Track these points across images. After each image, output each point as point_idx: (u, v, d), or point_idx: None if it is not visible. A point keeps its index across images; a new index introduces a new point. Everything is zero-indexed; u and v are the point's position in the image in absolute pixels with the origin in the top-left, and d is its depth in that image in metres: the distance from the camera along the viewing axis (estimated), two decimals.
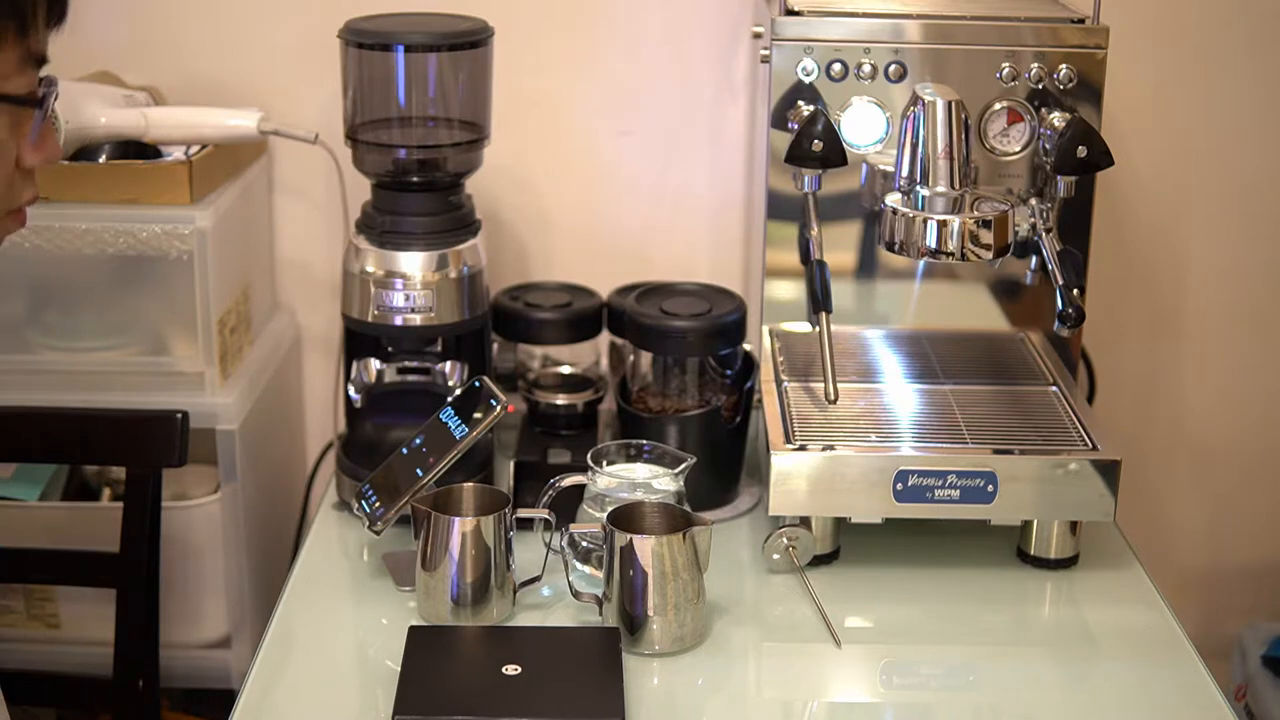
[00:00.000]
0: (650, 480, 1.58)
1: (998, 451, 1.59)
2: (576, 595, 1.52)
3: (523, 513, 1.53)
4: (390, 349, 1.77)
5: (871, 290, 1.77)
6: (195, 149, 1.85)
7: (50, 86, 1.10)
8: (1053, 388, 1.72)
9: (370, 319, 1.73)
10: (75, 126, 1.78)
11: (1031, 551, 1.63)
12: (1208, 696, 1.42)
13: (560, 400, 1.83)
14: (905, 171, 1.55)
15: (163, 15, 2.02)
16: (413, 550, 1.52)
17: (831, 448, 1.58)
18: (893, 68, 1.67)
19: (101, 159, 1.82)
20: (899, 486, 1.56)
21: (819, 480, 1.57)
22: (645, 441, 1.64)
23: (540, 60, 2.02)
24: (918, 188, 1.53)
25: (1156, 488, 2.18)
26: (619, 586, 1.46)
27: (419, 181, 1.76)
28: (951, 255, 1.53)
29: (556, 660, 1.40)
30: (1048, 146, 1.63)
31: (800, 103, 1.68)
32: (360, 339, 1.76)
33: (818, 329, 1.59)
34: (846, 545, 1.64)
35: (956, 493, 1.57)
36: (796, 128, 1.64)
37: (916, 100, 1.54)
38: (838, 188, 1.70)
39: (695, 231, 2.09)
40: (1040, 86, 1.67)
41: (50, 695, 1.81)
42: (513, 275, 2.05)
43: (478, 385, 1.57)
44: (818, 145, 1.60)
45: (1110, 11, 1.68)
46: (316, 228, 2.08)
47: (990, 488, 1.56)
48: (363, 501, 1.57)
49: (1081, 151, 1.58)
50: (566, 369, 1.90)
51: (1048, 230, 1.63)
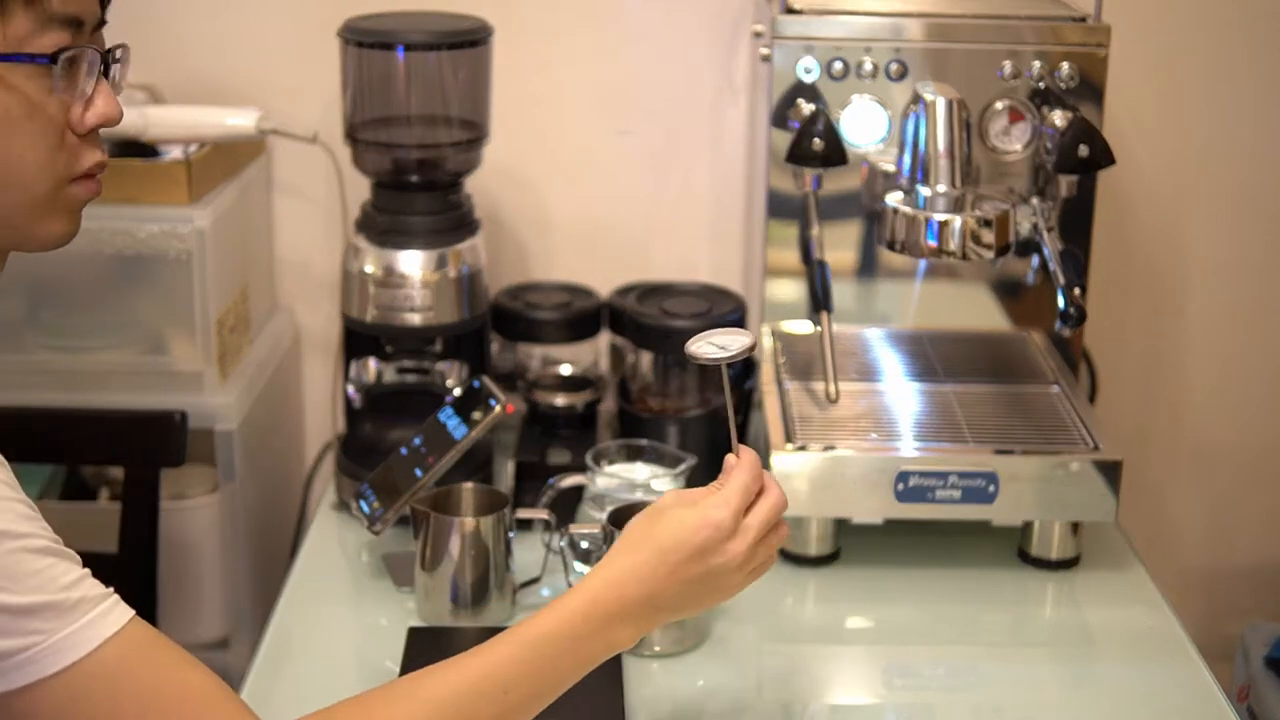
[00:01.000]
0: (650, 480, 1.57)
1: (999, 451, 1.58)
2: None
3: (522, 513, 1.53)
4: (390, 349, 1.76)
5: (872, 290, 1.77)
6: (194, 148, 1.84)
7: (88, 49, 1.07)
8: (1054, 387, 1.72)
9: (370, 319, 1.73)
10: None
11: (1033, 552, 1.63)
12: (1210, 697, 1.42)
13: (560, 400, 1.83)
14: (906, 171, 1.55)
15: (162, 14, 2.02)
16: (412, 551, 1.51)
17: (832, 448, 1.58)
18: (894, 66, 1.67)
19: None
20: (900, 487, 1.56)
21: (820, 480, 1.57)
22: (645, 441, 1.63)
23: (540, 60, 2.02)
24: (919, 187, 1.53)
25: (1158, 488, 2.18)
26: None
27: (419, 181, 1.75)
28: (953, 254, 1.52)
29: None
30: (1049, 145, 1.63)
31: (801, 102, 1.67)
32: (360, 339, 1.76)
33: (819, 329, 1.59)
34: (847, 546, 1.63)
35: (957, 493, 1.56)
36: (797, 127, 1.63)
37: (917, 99, 1.53)
38: (838, 187, 1.70)
39: (695, 231, 2.09)
40: (1041, 85, 1.66)
41: None
42: (513, 275, 2.05)
43: (477, 385, 1.57)
44: (818, 144, 1.60)
45: (1111, 10, 1.67)
46: (316, 227, 2.07)
47: (991, 488, 1.56)
48: (362, 502, 1.57)
49: (1083, 150, 1.58)
50: (566, 369, 1.90)
51: (1049, 229, 1.63)
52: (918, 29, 1.67)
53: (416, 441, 1.56)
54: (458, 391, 1.63)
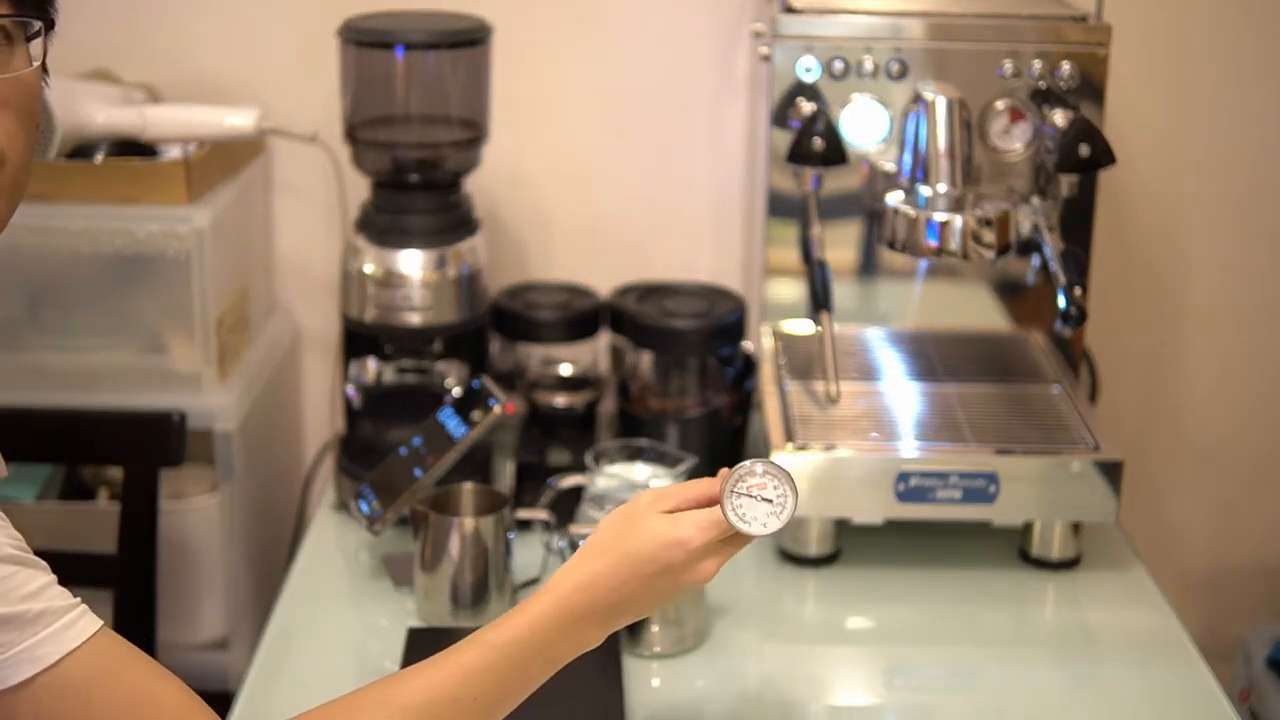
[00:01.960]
0: (650, 480, 1.57)
1: (999, 452, 1.58)
2: None
3: (522, 513, 1.53)
4: (389, 349, 1.76)
5: (873, 290, 1.77)
6: (193, 147, 1.84)
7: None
8: (1055, 387, 1.72)
9: (369, 319, 1.73)
10: (72, 125, 1.78)
11: (1033, 552, 1.62)
12: (1211, 699, 1.41)
13: (560, 400, 1.83)
14: (907, 170, 1.55)
15: (161, 13, 2.01)
16: (411, 551, 1.51)
17: (833, 448, 1.58)
18: (894, 66, 1.67)
19: (99, 157, 1.82)
20: (900, 487, 1.56)
21: (820, 480, 1.56)
22: (645, 441, 1.63)
23: (540, 60, 2.02)
24: (919, 186, 1.53)
25: (1159, 488, 2.18)
26: None
27: (418, 180, 1.75)
28: (953, 254, 1.52)
29: None
30: (1050, 145, 1.63)
31: (801, 101, 1.67)
32: (359, 339, 1.76)
33: (819, 329, 1.59)
34: (847, 546, 1.63)
35: (958, 493, 1.56)
36: (797, 126, 1.63)
37: (918, 99, 1.53)
38: (839, 187, 1.69)
39: (695, 231, 2.09)
40: (1042, 85, 1.66)
41: None
42: (513, 275, 2.04)
43: (477, 385, 1.56)
44: (819, 144, 1.60)
45: (1112, 9, 1.67)
46: (315, 227, 2.07)
47: (992, 488, 1.56)
48: (361, 502, 1.57)
49: (1083, 150, 1.58)
50: (566, 369, 1.89)
51: (1050, 229, 1.63)
52: (918, 28, 1.67)
53: (416, 441, 1.56)
54: (457, 391, 1.63)
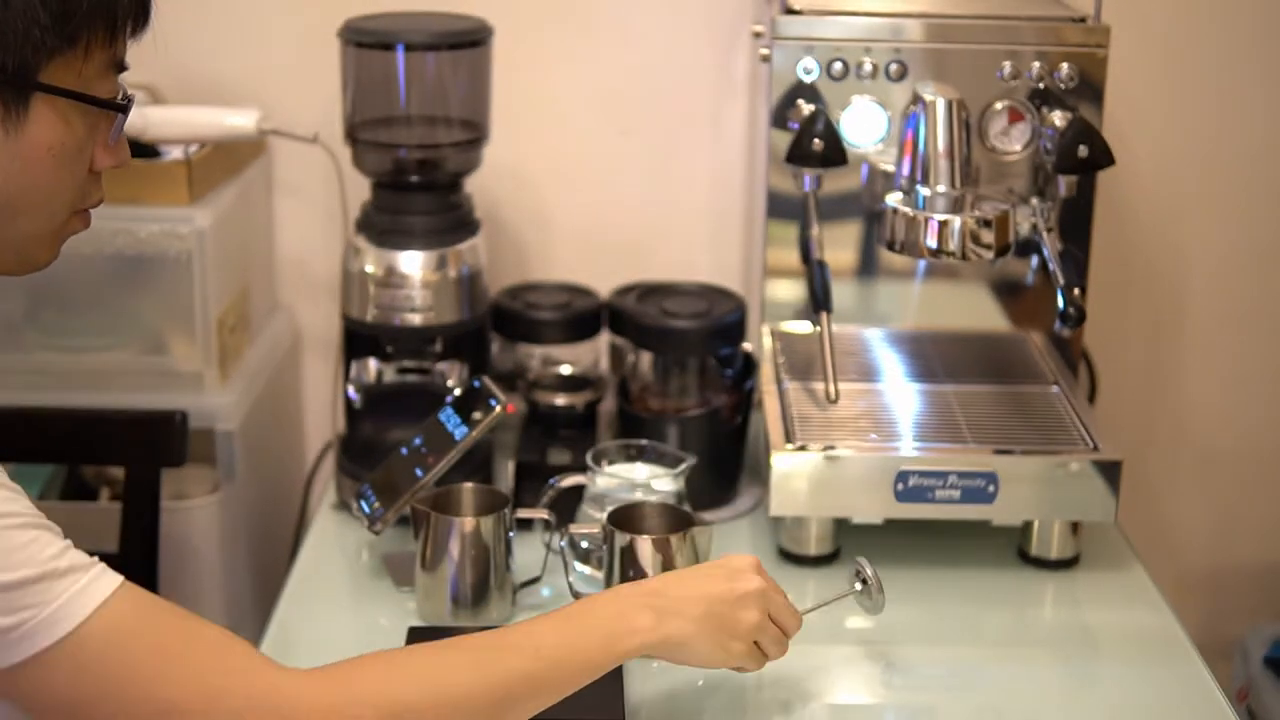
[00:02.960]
0: (650, 480, 1.57)
1: (999, 452, 1.58)
2: (576, 595, 1.51)
3: (523, 513, 1.53)
4: (390, 349, 1.76)
5: (872, 290, 1.77)
6: (194, 148, 1.85)
7: (129, 96, 1.13)
8: (1054, 388, 1.72)
9: (370, 319, 1.73)
10: None
11: (1032, 552, 1.63)
12: (1210, 698, 1.42)
13: (560, 400, 1.83)
14: (906, 171, 1.55)
15: (161, 13, 2.00)
16: (412, 550, 1.51)
17: (832, 448, 1.58)
18: (893, 67, 1.67)
19: None
20: (900, 487, 1.56)
21: (819, 480, 1.57)
22: (645, 441, 1.63)
23: (540, 60, 2.02)
24: (918, 187, 1.53)
25: (1158, 488, 2.18)
26: None
27: (419, 181, 1.75)
28: (952, 255, 1.52)
29: None
30: (1049, 146, 1.63)
31: (801, 102, 1.67)
32: (360, 339, 1.76)
33: (818, 329, 1.59)
34: (847, 545, 1.63)
35: (957, 493, 1.56)
36: (797, 127, 1.63)
37: (917, 99, 1.53)
38: (838, 187, 1.70)
39: (695, 231, 2.09)
40: (1041, 86, 1.66)
41: None
42: (513, 275, 2.05)
43: (477, 385, 1.57)
44: (818, 145, 1.60)
45: (1111, 11, 1.68)
46: (316, 227, 2.08)
47: (991, 488, 1.56)
48: (362, 502, 1.57)
49: (1082, 151, 1.58)
50: (566, 369, 1.90)
51: (1049, 230, 1.63)
52: (917, 29, 1.67)
53: (417, 441, 1.56)
54: (458, 391, 1.63)
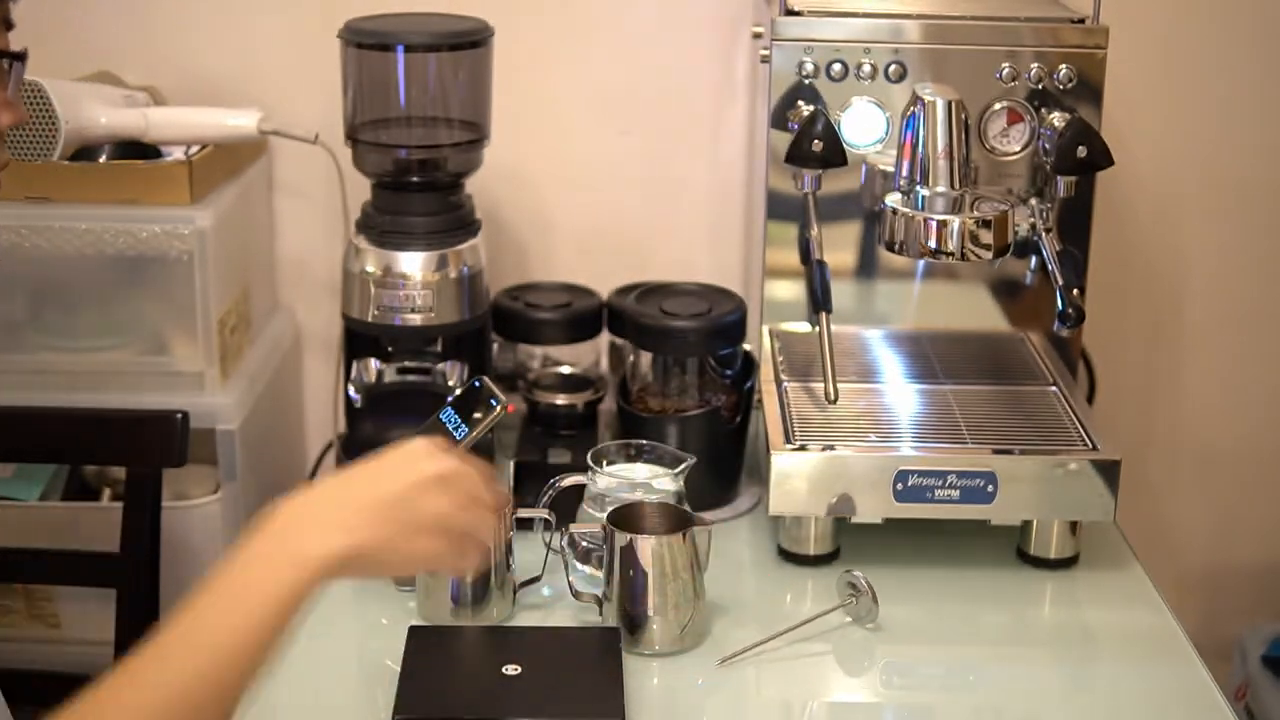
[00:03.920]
0: (650, 480, 1.58)
1: (998, 451, 1.59)
2: (576, 595, 1.52)
3: (523, 513, 1.53)
4: (390, 349, 1.77)
5: (871, 290, 1.77)
6: (195, 149, 1.85)
7: (17, 56, 1.08)
8: (1052, 388, 1.72)
9: (370, 319, 1.73)
10: (75, 126, 1.78)
11: (1031, 551, 1.63)
12: (1208, 697, 1.42)
13: (560, 400, 1.83)
14: (905, 171, 1.55)
15: (163, 15, 2.02)
16: None
17: (831, 448, 1.58)
18: (893, 68, 1.67)
19: (102, 159, 1.82)
20: (899, 486, 1.56)
21: (819, 480, 1.57)
22: (645, 441, 1.64)
23: (540, 60, 2.02)
24: (918, 188, 1.53)
25: (1156, 488, 2.18)
26: (619, 586, 1.46)
27: (419, 181, 1.76)
28: (951, 255, 1.53)
29: (556, 660, 1.40)
30: (1047, 146, 1.63)
31: (800, 103, 1.68)
32: (360, 339, 1.76)
33: (818, 329, 1.59)
34: (846, 545, 1.64)
35: (956, 493, 1.57)
36: (796, 128, 1.64)
37: (916, 100, 1.54)
38: (838, 188, 1.70)
39: (695, 231, 2.09)
40: (1040, 86, 1.67)
41: (50, 695, 1.80)
42: (513, 275, 2.05)
43: (478, 385, 1.57)
44: (818, 145, 1.60)
45: (1110, 12, 1.68)
46: (316, 228, 2.08)
47: (990, 488, 1.56)
48: None
49: (1081, 151, 1.58)
50: (566, 369, 1.90)
51: (1047, 230, 1.63)
52: (917, 30, 1.67)
53: None
54: (458, 391, 1.63)
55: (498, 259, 2.01)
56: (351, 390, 1.74)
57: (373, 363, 1.74)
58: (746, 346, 1.81)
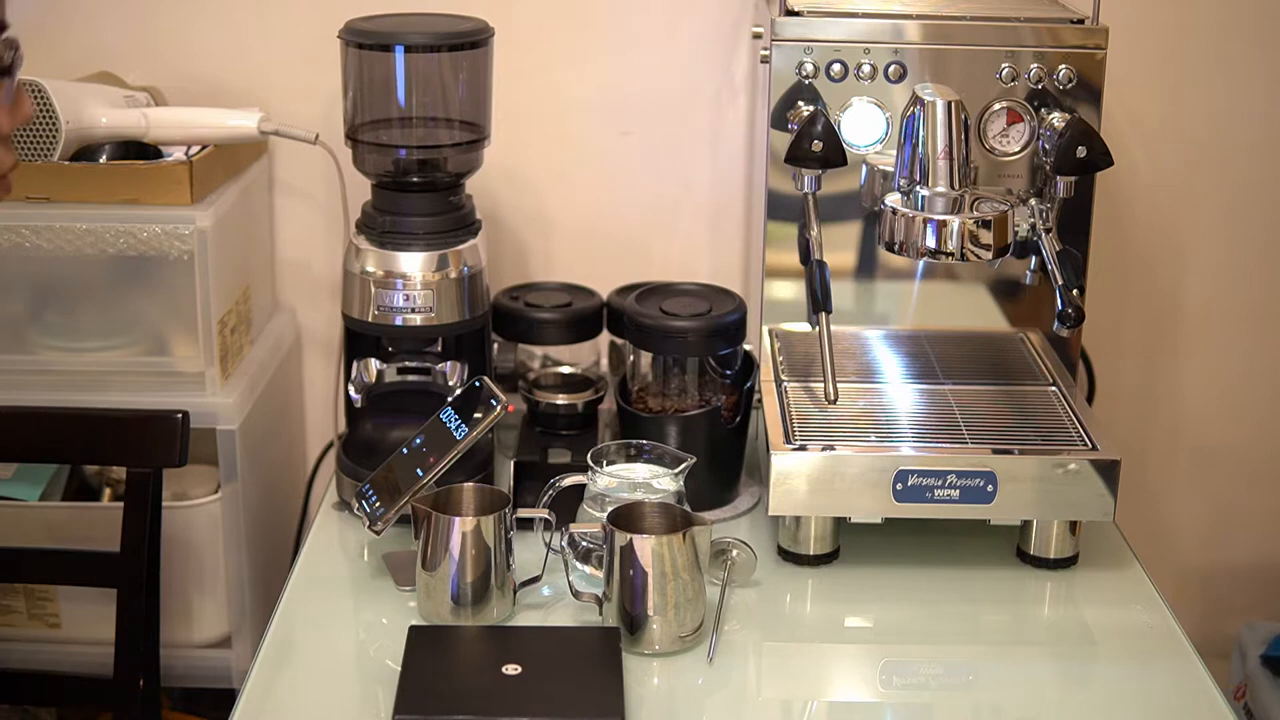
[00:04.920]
0: (650, 480, 1.58)
1: (997, 451, 1.59)
2: (576, 595, 1.52)
3: (523, 513, 1.54)
4: (390, 349, 1.77)
5: (871, 290, 1.78)
6: (196, 149, 1.85)
7: (14, 50, 1.07)
8: (1052, 388, 1.72)
9: (370, 319, 1.73)
10: (76, 127, 1.78)
11: (1031, 551, 1.63)
12: (1207, 696, 1.42)
13: (560, 400, 1.83)
14: (905, 172, 1.55)
15: (163, 15, 2.02)
16: (413, 550, 1.52)
17: (831, 448, 1.58)
18: (892, 68, 1.67)
19: (102, 159, 1.83)
20: (899, 486, 1.57)
21: (819, 480, 1.57)
22: (645, 441, 1.64)
23: (540, 60, 2.02)
24: (917, 188, 1.54)
25: (1156, 487, 2.19)
26: (619, 586, 1.46)
27: (419, 181, 1.76)
28: (951, 255, 1.53)
29: (556, 660, 1.40)
30: (1047, 147, 1.63)
31: (800, 103, 1.68)
32: (360, 339, 1.76)
33: (817, 329, 1.59)
34: (846, 545, 1.64)
35: (956, 492, 1.57)
36: (796, 128, 1.64)
37: (916, 100, 1.54)
38: (837, 188, 1.70)
39: (695, 231, 2.09)
40: (1040, 87, 1.67)
41: (50, 695, 1.81)
42: (513, 275, 2.05)
43: (478, 385, 1.57)
44: (818, 145, 1.60)
45: (1110, 12, 1.68)
46: (316, 228, 2.08)
47: (990, 487, 1.57)
48: (363, 501, 1.58)
49: (1081, 152, 1.58)
50: (566, 369, 1.90)
51: (1047, 230, 1.63)
52: (916, 31, 1.67)
53: (417, 441, 1.57)
54: (458, 391, 1.63)
55: (498, 259, 2.01)
56: (352, 390, 1.75)
57: (373, 363, 1.74)
58: (746, 346, 1.81)
